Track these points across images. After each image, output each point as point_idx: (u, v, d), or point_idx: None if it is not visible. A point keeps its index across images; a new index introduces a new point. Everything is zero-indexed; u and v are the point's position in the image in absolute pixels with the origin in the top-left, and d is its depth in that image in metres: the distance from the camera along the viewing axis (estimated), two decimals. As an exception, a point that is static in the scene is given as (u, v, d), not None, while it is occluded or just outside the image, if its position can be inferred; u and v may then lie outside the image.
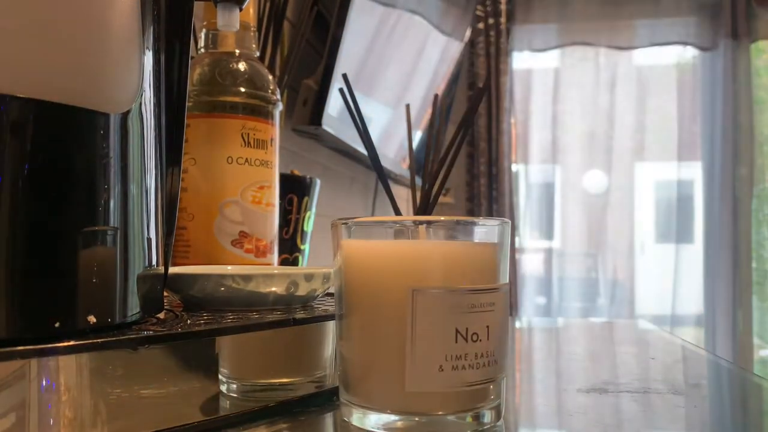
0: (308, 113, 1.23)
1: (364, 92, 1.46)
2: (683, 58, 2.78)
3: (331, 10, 1.24)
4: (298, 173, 0.95)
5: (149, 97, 0.35)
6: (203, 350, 0.35)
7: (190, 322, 0.37)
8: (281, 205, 0.81)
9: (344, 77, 0.41)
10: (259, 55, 0.67)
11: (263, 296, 0.43)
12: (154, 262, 0.36)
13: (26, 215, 0.29)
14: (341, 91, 0.41)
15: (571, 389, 0.46)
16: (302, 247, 0.90)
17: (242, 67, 0.63)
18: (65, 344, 0.28)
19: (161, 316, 0.39)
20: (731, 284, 2.64)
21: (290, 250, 0.87)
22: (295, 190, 0.87)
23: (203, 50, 0.65)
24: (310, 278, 0.44)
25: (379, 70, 1.55)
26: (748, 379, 0.55)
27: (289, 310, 0.43)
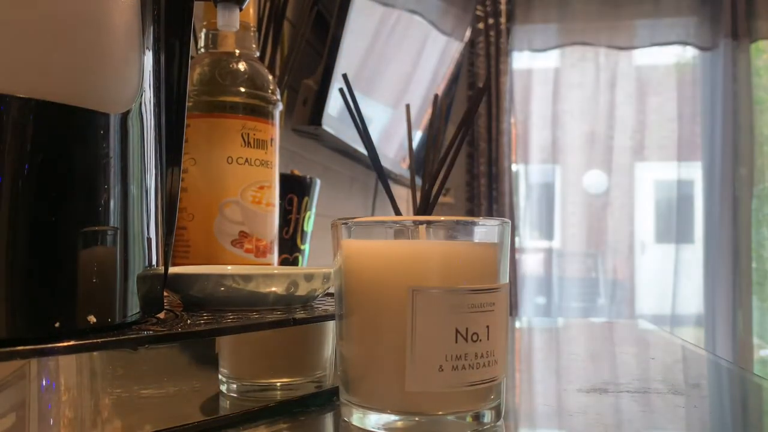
0: (308, 113, 1.23)
1: (364, 92, 1.46)
2: (683, 58, 2.78)
3: (331, 10, 1.24)
4: (298, 173, 0.95)
5: (149, 97, 0.35)
6: (203, 350, 0.35)
7: (190, 322, 0.37)
8: (281, 205, 0.81)
9: (344, 77, 0.41)
10: (259, 55, 0.67)
11: (263, 296, 0.43)
12: (154, 262, 0.36)
13: (26, 215, 0.29)
14: (341, 91, 0.41)
15: (571, 389, 0.46)
16: (302, 247, 0.90)
17: (242, 67, 0.63)
18: (65, 344, 0.28)
19: (161, 316, 0.39)
20: (731, 284, 2.64)
21: (290, 250, 0.87)
22: (295, 190, 0.87)
23: (203, 50, 0.65)
24: (310, 278, 0.44)
25: (379, 70, 1.55)
26: (748, 379, 0.55)
27: (289, 310, 0.43)
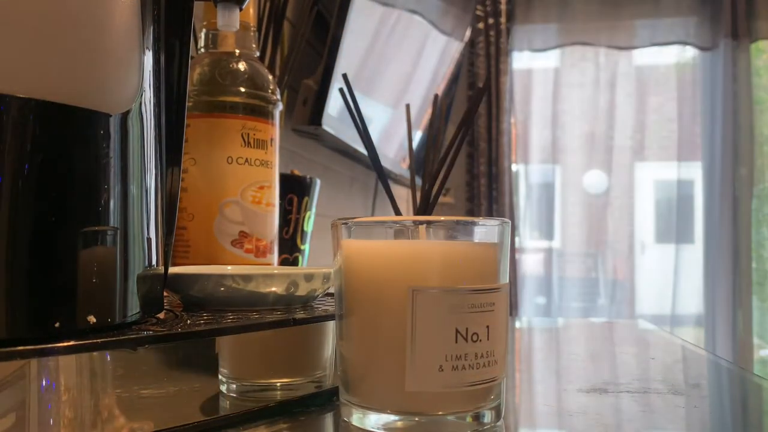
0: (308, 113, 1.23)
1: (364, 92, 1.46)
2: (683, 58, 2.78)
3: (331, 10, 1.24)
4: (298, 173, 0.95)
5: (149, 97, 0.35)
6: (203, 350, 0.35)
7: (190, 322, 0.37)
8: (281, 205, 0.81)
9: (344, 77, 0.41)
10: (259, 55, 0.67)
11: (263, 296, 0.43)
12: (154, 262, 0.36)
13: (26, 215, 0.29)
14: (341, 91, 0.41)
15: (571, 389, 0.46)
16: (302, 247, 0.90)
17: (242, 67, 0.63)
18: (65, 344, 0.28)
19: (161, 316, 0.39)
20: (731, 284, 2.64)
21: (290, 250, 0.87)
22: (295, 190, 0.87)
23: (203, 50, 0.65)
24: (310, 278, 0.44)
25: (379, 70, 1.55)
26: (748, 379, 0.55)
27: (289, 310, 0.43)
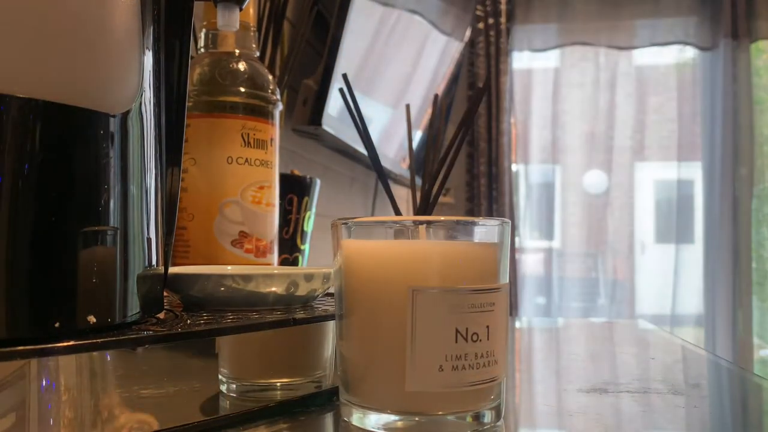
0: (308, 113, 1.23)
1: (364, 92, 1.46)
2: (683, 58, 2.78)
3: (331, 10, 1.24)
4: (298, 173, 0.95)
5: (149, 97, 0.35)
6: (203, 350, 0.35)
7: (190, 322, 0.37)
8: (281, 205, 0.81)
9: (344, 77, 0.41)
10: (259, 55, 0.67)
11: (263, 296, 0.43)
12: (154, 262, 0.36)
13: (26, 215, 0.29)
14: (341, 91, 0.41)
15: (571, 389, 0.46)
16: (302, 247, 0.90)
17: (242, 67, 0.63)
18: (65, 344, 0.28)
19: (161, 316, 0.39)
20: (731, 284, 2.64)
21: (290, 250, 0.87)
22: (295, 190, 0.87)
23: (203, 50, 0.65)
24: (310, 278, 0.44)
25: (379, 70, 1.55)
26: (748, 379, 0.55)
27: (289, 310, 0.43)
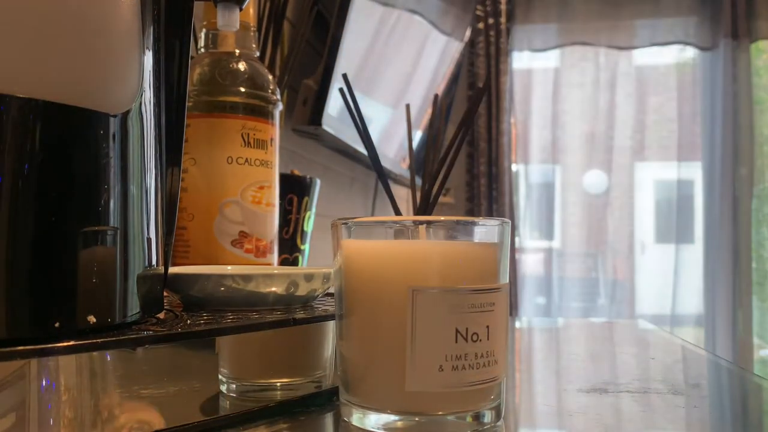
0: (308, 113, 1.23)
1: (364, 92, 1.46)
2: (683, 58, 2.78)
3: (331, 10, 1.24)
4: (298, 173, 0.95)
5: (149, 97, 0.35)
6: (203, 350, 0.35)
7: (190, 322, 0.37)
8: (281, 205, 0.81)
9: (344, 77, 0.41)
10: (259, 55, 0.67)
11: (263, 296, 0.43)
12: (154, 262, 0.36)
13: (26, 215, 0.29)
14: (341, 91, 0.41)
15: (571, 389, 0.46)
16: (302, 247, 0.90)
17: (242, 67, 0.63)
18: (65, 344, 0.28)
19: (161, 316, 0.39)
20: (731, 284, 2.64)
21: (290, 250, 0.87)
22: (295, 190, 0.87)
23: (203, 50, 0.65)
24: (310, 278, 0.44)
25: (379, 70, 1.55)
26: (748, 379, 0.55)
27: (289, 310, 0.43)
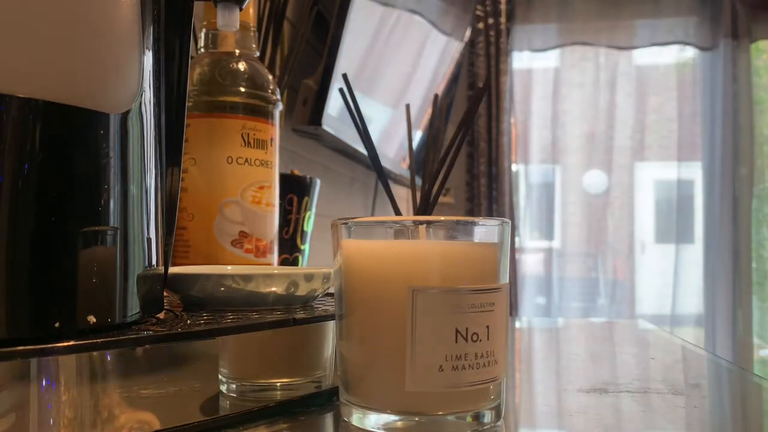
0: (308, 113, 1.23)
1: (364, 92, 1.46)
2: (683, 58, 2.78)
3: (331, 10, 1.24)
4: (298, 173, 0.95)
5: (149, 97, 0.35)
6: (203, 350, 0.35)
7: (190, 322, 0.37)
8: (281, 205, 0.81)
9: (344, 77, 0.41)
10: (259, 55, 0.67)
11: (263, 296, 0.43)
12: (154, 262, 0.36)
13: (26, 215, 0.29)
14: (341, 91, 0.41)
15: (571, 389, 0.46)
16: (302, 247, 0.90)
17: (242, 67, 0.63)
18: (65, 344, 0.28)
19: (161, 316, 0.39)
20: (731, 284, 2.65)
21: (290, 250, 0.87)
22: (295, 190, 0.87)
23: (203, 50, 0.65)
24: (310, 278, 0.44)
25: (379, 70, 1.55)
26: (748, 379, 0.55)
27: (289, 310, 0.43)
